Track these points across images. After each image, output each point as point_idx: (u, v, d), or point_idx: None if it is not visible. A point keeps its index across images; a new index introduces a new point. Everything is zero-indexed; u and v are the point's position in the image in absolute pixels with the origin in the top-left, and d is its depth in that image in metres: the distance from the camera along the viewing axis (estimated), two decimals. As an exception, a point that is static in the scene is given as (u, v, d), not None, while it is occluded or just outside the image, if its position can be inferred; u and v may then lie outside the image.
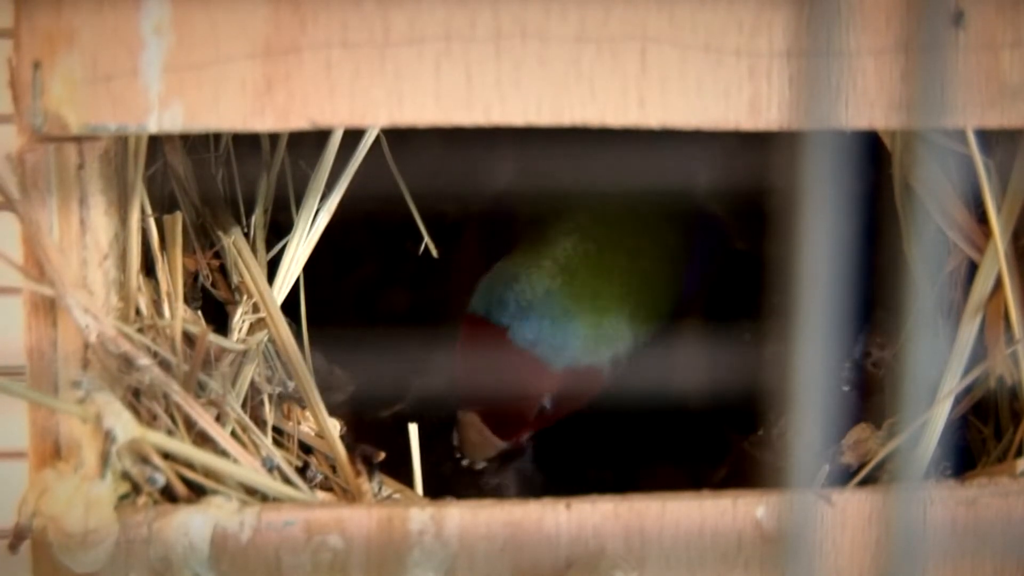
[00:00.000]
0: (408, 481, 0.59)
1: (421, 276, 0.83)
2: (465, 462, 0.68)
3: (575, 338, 0.65)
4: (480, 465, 0.68)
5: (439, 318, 0.69)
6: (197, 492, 0.53)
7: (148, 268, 0.57)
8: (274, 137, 0.62)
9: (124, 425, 0.50)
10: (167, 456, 0.52)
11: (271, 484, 0.54)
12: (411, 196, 0.62)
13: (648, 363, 0.67)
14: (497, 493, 0.69)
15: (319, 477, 0.57)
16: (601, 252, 0.67)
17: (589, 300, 0.66)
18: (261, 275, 0.59)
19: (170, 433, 0.53)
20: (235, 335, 0.58)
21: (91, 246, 0.52)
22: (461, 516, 0.52)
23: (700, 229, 0.71)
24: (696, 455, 0.73)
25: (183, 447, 0.52)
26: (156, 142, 0.58)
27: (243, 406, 0.56)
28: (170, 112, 0.49)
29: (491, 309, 0.65)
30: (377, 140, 0.59)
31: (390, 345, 0.68)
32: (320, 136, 0.58)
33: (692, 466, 0.72)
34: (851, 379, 0.67)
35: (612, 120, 0.50)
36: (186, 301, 0.58)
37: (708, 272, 0.73)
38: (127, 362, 0.52)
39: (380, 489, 0.59)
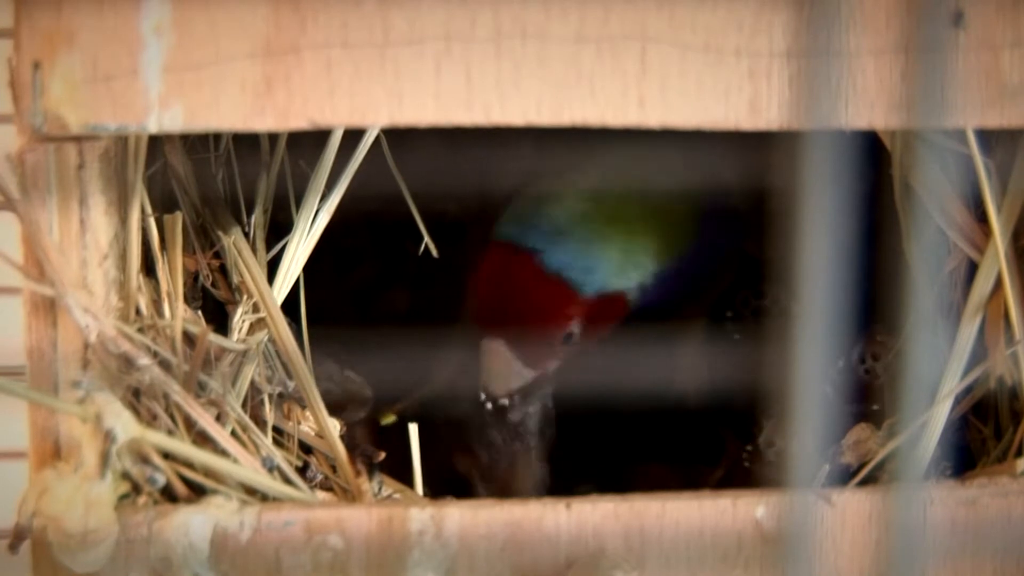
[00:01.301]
0: (408, 481, 0.59)
1: (421, 276, 0.83)
2: (488, 404, 0.66)
3: (606, 262, 0.64)
4: (503, 401, 0.66)
5: (439, 318, 0.69)
6: (197, 492, 0.53)
7: (148, 268, 0.57)
8: (274, 137, 0.62)
9: (124, 425, 0.50)
10: (167, 456, 0.52)
11: (271, 484, 0.54)
12: (411, 196, 0.62)
13: (647, 362, 0.67)
14: (519, 430, 0.67)
15: (319, 477, 0.57)
16: (626, 181, 0.66)
17: (618, 224, 0.65)
18: (261, 275, 0.59)
19: (170, 433, 0.53)
20: (235, 335, 0.58)
21: (91, 246, 0.52)
22: (461, 516, 0.52)
23: (714, 207, 0.70)
24: (692, 455, 0.73)
25: (183, 447, 0.52)
26: (156, 142, 0.58)
27: (243, 406, 0.56)
28: (170, 112, 0.49)
29: (521, 233, 0.64)
30: (377, 140, 0.59)
31: (390, 345, 0.68)
32: (320, 136, 0.58)
33: (688, 466, 0.72)
34: (848, 379, 0.67)
35: (612, 120, 0.50)
36: (186, 301, 0.58)
37: (718, 255, 0.73)
38: (127, 362, 0.52)
39: (380, 489, 0.59)
